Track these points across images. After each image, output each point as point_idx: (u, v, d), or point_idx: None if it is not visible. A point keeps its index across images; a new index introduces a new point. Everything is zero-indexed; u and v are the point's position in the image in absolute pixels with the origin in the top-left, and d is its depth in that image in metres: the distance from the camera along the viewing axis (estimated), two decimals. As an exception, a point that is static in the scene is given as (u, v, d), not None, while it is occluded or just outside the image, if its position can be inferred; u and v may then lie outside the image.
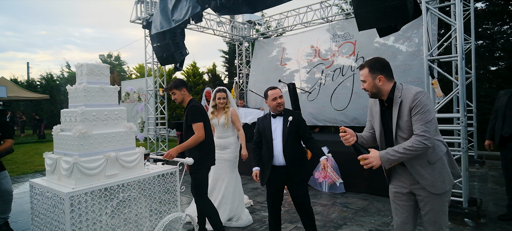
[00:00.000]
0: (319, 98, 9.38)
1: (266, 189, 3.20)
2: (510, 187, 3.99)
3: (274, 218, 3.20)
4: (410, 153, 2.01)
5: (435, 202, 2.13)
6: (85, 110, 2.52)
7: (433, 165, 2.10)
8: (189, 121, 3.40)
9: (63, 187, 2.32)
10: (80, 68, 2.70)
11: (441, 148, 2.15)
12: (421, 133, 1.99)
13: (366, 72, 2.21)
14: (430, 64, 4.35)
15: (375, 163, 2.06)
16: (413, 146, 1.99)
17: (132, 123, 2.82)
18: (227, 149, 4.14)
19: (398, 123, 2.13)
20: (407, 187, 2.23)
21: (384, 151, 2.07)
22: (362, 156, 2.11)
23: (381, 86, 2.17)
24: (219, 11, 6.95)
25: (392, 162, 2.07)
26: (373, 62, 2.21)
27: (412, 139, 2.02)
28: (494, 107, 4.14)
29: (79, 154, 2.40)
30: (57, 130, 2.68)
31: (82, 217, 2.30)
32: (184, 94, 3.55)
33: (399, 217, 2.32)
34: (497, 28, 9.12)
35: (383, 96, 2.21)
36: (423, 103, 2.01)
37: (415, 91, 2.06)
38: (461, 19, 4.19)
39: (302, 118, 3.15)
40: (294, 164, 3.01)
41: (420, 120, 2.01)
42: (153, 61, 9.23)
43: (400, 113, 2.11)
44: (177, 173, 3.01)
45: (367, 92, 2.26)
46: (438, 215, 2.14)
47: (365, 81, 2.22)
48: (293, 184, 3.05)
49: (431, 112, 2.02)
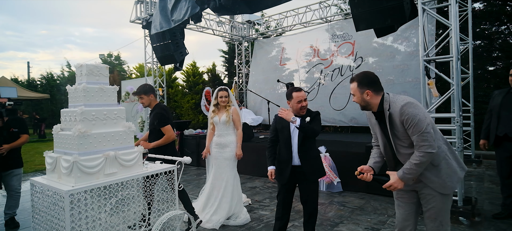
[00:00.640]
0: (318, 98, 9.43)
1: (278, 186, 3.21)
2: (504, 186, 4.04)
3: (283, 215, 3.16)
4: (420, 166, 2.07)
5: (438, 200, 2.17)
6: (84, 110, 2.57)
7: (438, 166, 2.15)
8: (158, 125, 3.83)
9: (63, 185, 2.37)
10: (80, 68, 2.75)
11: (442, 148, 2.17)
12: (421, 144, 2.04)
13: (355, 87, 2.28)
14: (426, 64, 4.40)
15: (398, 185, 2.15)
16: (419, 159, 2.05)
17: (131, 122, 2.87)
18: (227, 148, 4.19)
19: (394, 133, 2.19)
20: (410, 186, 2.28)
21: (400, 172, 2.13)
22: (386, 185, 2.21)
23: (369, 100, 2.24)
24: (218, 12, 7.00)
25: (411, 178, 2.14)
26: (361, 77, 2.28)
27: (415, 153, 2.07)
28: (489, 107, 4.19)
29: (79, 152, 2.45)
30: (57, 129, 2.73)
31: (82, 215, 2.35)
32: (151, 100, 3.99)
33: (401, 213, 2.38)
34: (495, 28, 9.17)
35: (373, 109, 2.27)
36: (412, 115, 2.04)
37: (400, 105, 2.09)
38: (456, 20, 4.23)
39: (318, 117, 3.11)
40: (309, 163, 3.04)
41: (414, 132, 2.05)
42: (153, 61, 9.29)
43: (392, 125, 2.17)
44: (175, 171, 3.06)
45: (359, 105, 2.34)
46: (440, 212, 2.18)
47: (355, 95, 2.31)
48: (305, 181, 3.06)
49: (423, 120, 2.04)
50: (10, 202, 4.31)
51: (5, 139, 4.11)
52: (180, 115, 16.19)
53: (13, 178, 4.28)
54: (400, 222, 2.39)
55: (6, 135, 4.13)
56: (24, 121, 4.63)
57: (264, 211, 4.62)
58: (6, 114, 4.21)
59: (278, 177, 3.14)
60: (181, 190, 3.57)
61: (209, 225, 3.97)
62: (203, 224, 3.99)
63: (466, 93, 7.34)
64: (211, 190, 4.22)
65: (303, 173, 3.03)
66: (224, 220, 4.04)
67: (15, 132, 4.26)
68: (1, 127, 4.09)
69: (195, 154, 7.81)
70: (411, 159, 2.09)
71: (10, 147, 4.12)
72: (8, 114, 4.26)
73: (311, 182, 3.08)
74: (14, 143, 4.21)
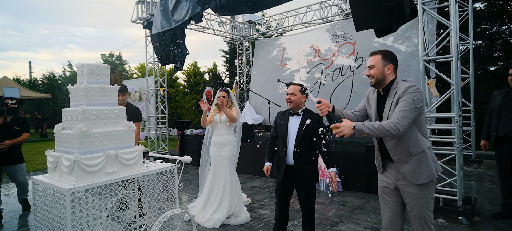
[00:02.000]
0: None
1: (276, 184, 3.20)
2: (504, 185, 4.05)
3: (280, 215, 3.14)
4: (380, 131, 2.08)
5: (419, 198, 2.22)
6: (86, 109, 2.59)
7: (415, 157, 2.20)
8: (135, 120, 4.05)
9: (64, 184, 2.39)
10: (81, 68, 2.77)
11: (424, 142, 2.24)
12: (397, 116, 2.09)
13: (379, 58, 2.31)
14: (426, 64, 4.41)
15: (346, 132, 2.09)
16: (385, 124, 2.08)
17: (131, 122, 2.89)
18: (226, 147, 4.21)
19: (389, 115, 2.23)
20: (393, 182, 2.34)
21: (361, 122, 2.14)
22: (334, 124, 2.15)
23: (388, 75, 2.28)
24: (219, 12, 7.02)
25: (364, 134, 2.12)
26: (387, 51, 2.34)
27: (388, 121, 2.12)
28: (489, 108, 4.20)
29: (80, 151, 2.47)
30: (59, 128, 2.75)
31: (83, 213, 2.37)
32: (125, 98, 4.40)
33: (387, 213, 2.41)
34: (496, 28, 9.16)
35: (383, 86, 2.31)
36: (410, 97, 2.11)
37: (408, 84, 2.18)
38: (456, 20, 4.24)
39: (323, 123, 3.01)
40: (303, 167, 2.97)
41: (400, 108, 2.12)
42: (154, 60, 9.31)
43: (392, 104, 2.22)
44: (175, 170, 3.08)
45: (371, 78, 2.34)
46: (422, 211, 2.22)
47: (375, 66, 2.31)
48: (300, 186, 3.03)
49: (415, 104, 2.11)
50: (20, 190, 4.86)
51: (6, 135, 4.43)
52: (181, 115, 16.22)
53: (17, 173, 4.68)
54: (387, 222, 2.41)
55: (7, 132, 4.45)
56: (26, 119, 4.92)
57: (264, 210, 4.64)
58: (8, 113, 4.47)
59: (276, 173, 3.14)
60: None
61: (209, 224, 3.99)
62: (204, 223, 4.01)
63: (467, 93, 7.34)
64: (210, 189, 4.24)
65: (295, 174, 2.98)
66: (224, 219, 4.06)
67: (17, 130, 4.54)
68: (1, 124, 4.37)
69: (196, 153, 7.82)
70: (382, 122, 2.13)
71: (11, 143, 4.45)
72: (10, 113, 4.51)
73: (305, 186, 3.01)
74: (16, 140, 4.51)
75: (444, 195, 4.28)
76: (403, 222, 2.40)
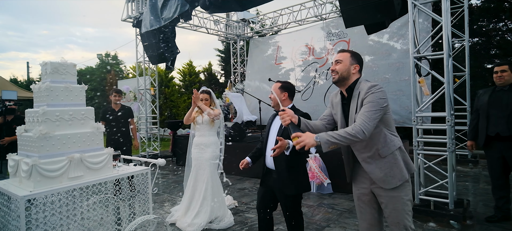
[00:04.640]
0: (313, 98, 9.28)
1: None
2: (495, 187, 3.88)
3: (261, 224, 2.89)
4: (347, 139, 1.96)
5: (395, 202, 2.11)
6: (47, 110, 2.44)
7: (384, 159, 2.10)
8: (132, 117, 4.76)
9: (20, 190, 2.24)
10: (45, 66, 2.62)
11: (394, 143, 2.13)
12: (359, 124, 1.98)
13: (347, 56, 2.25)
14: (417, 61, 4.24)
15: (308, 142, 1.93)
16: (351, 133, 1.95)
17: (99, 123, 2.74)
18: (208, 149, 4.06)
19: (355, 118, 2.11)
20: (367, 187, 2.23)
21: (324, 133, 1.99)
22: (296, 133, 1.99)
23: (353, 74, 2.22)
24: (208, 9, 6.85)
25: (331, 144, 1.95)
26: (356, 53, 2.31)
27: (352, 126, 2.00)
28: (475, 107, 4.02)
29: (39, 155, 2.32)
30: (21, 130, 2.61)
31: (39, 222, 2.21)
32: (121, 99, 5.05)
33: (364, 220, 2.29)
34: (493, 25, 8.97)
35: (346, 86, 2.23)
36: (372, 97, 2.03)
37: (371, 84, 2.10)
38: (448, 15, 4.08)
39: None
40: (285, 172, 2.63)
41: (364, 109, 2.03)
42: (144, 60, 9.16)
43: (358, 105, 2.12)
44: (148, 174, 2.93)
45: (334, 74, 2.23)
46: (400, 215, 2.11)
47: (342, 62, 2.23)
48: (280, 194, 2.70)
49: (380, 106, 2.02)
50: None
51: (7, 133, 4.78)
52: (176, 115, 16.06)
53: None
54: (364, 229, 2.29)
55: (8, 130, 4.77)
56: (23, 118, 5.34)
57: (250, 213, 4.48)
58: (7, 113, 4.88)
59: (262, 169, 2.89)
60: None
61: (190, 229, 3.83)
62: (185, 228, 3.85)
63: (463, 91, 7.16)
64: (193, 192, 4.08)
65: (278, 181, 2.68)
66: (206, 223, 3.90)
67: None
68: (2, 123, 4.77)
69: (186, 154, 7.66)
70: (346, 128, 2.01)
71: (11, 140, 4.77)
72: (10, 113, 4.94)
73: (286, 196, 2.65)
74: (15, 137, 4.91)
75: (435, 198, 4.12)
76: (381, 228, 2.29)
